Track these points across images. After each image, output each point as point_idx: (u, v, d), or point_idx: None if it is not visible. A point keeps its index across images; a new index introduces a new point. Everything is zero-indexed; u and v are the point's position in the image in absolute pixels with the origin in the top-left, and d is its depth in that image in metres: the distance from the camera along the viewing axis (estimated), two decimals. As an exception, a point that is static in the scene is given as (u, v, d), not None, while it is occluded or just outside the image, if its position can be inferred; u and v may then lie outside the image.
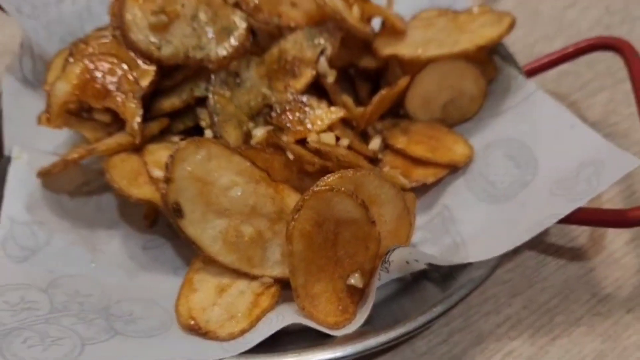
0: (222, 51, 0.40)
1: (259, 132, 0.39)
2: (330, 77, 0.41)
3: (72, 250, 0.38)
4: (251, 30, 0.44)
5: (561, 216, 0.35)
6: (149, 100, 0.41)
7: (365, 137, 0.45)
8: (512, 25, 0.43)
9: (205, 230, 0.36)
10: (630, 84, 0.43)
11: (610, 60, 0.56)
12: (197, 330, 0.34)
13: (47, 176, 0.38)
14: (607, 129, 0.52)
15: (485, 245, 0.37)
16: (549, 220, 0.35)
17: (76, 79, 0.39)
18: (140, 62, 0.40)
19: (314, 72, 0.41)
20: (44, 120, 0.40)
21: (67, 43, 0.48)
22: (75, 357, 0.31)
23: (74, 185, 0.41)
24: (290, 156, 0.38)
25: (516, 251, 0.43)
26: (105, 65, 0.39)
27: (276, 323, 0.34)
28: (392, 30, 0.46)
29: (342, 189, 0.34)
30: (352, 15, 0.43)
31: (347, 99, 0.43)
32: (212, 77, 0.41)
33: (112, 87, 0.39)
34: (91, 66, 0.39)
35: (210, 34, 0.40)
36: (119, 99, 0.39)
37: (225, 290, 0.36)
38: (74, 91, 0.39)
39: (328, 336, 0.35)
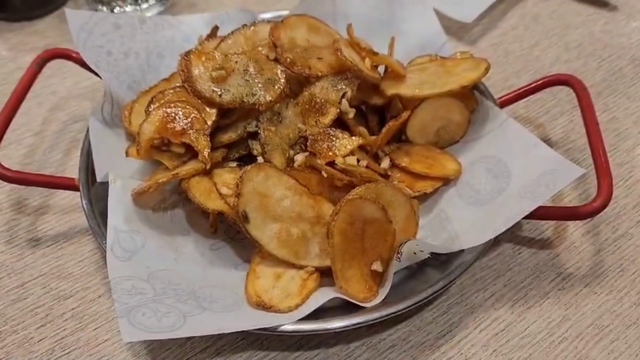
0: (269, 97, 0.52)
1: (300, 158, 0.51)
2: (350, 114, 0.54)
3: (161, 251, 0.49)
4: (284, 78, 0.57)
5: (526, 212, 0.47)
6: (210, 134, 0.54)
7: (375, 159, 0.57)
8: (487, 69, 0.56)
9: (265, 232, 0.48)
10: (580, 111, 0.56)
11: (568, 90, 0.69)
12: (263, 306, 0.46)
13: (142, 195, 0.50)
14: (568, 145, 0.65)
15: (473, 236, 0.49)
16: (518, 215, 0.47)
17: (158, 121, 0.51)
18: (204, 106, 0.53)
19: (337, 110, 0.53)
20: (134, 153, 0.52)
21: (133, 90, 0.61)
22: (182, 324, 0.42)
23: (154, 202, 0.52)
24: (325, 175, 0.50)
25: (497, 243, 0.56)
26: (180, 110, 0.51)
27: (321, 298, 0.46)
28: (395, 74, 0.58)
29: (368, 197, 0.46)
30: (365, 65, 0.56)
31: (363, 130, 0.55)
32: (261, 116, 0.53)
33: (186, 127, 0.51)
34: (169, 111, 0.51)
35: (260, 84, 0.53)
36: (192, 135, 0.51)
37: (281, 276, 0.48)
38: (157, 131, 0.51)
39: (359, 308, 0.47)
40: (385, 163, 0.56)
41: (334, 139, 0.53)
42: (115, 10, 0.79)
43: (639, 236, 0.56)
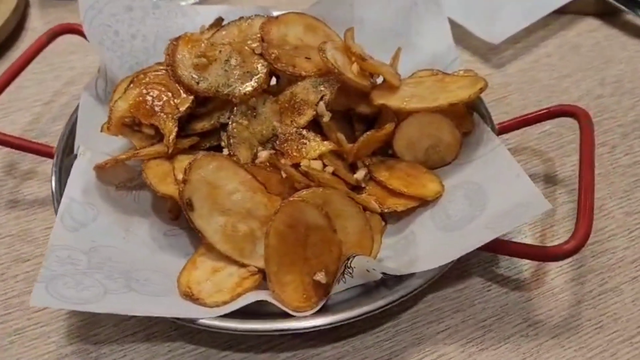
0: (244, 89, 0.51)
1: (263, 154, 0.50)
2: (326, 118, 0.52)
3: (111, 227, 0.49)
4: (276, 75, 0.56)
5: (481, 244, 0.43)
6: (186, 121, 0.53)
7: (354, 169, 0.55)
8: (482, 89, 0.52)
9: (210, 223, 0.47)
10: (578, 144, 0.51)
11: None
12: (190, 297, 0.45)
13: (101, 169, 0.50)
14: (575, 184, 0.59)
15: (429, 262, 0.46)
16: (472, 246, 0.44)
17: (133, 100, 0.51)
18: (182, 92, 0.52)
19: (314, 112, 0.52)
20: (105, 128, 0.52)
21: (135, 71, 0.62)
22: (98, 300, 0.42)
23: (120, 180, 0.52)
24: (283, 175, 0.49)
25: (467, 275, 0.52)
26: (155, 92, 0.52)
27: (250, 298, 0.44)
28: (388, 84, 0.56)
29: (311, 201, 0.44)
30: (352, 70, 0.53)
31: (341, 136, 0.53)
32: (236, 108, 0.52)
33: (157, 109, 0.51)
34: (145, 92, 0.52)
35: (237, 75, 0.52)
36: (161, 118, 0.51)
37: (219, 271, 0.47)
38: (129, 109, 0.51)
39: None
40: (360, 174, 0.53)
41: (305, 140, 0.51)
42: (153, -2, 0.81)
43: (630, 294, 0.50)
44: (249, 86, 0.52)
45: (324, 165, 0.50)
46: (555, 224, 0.56)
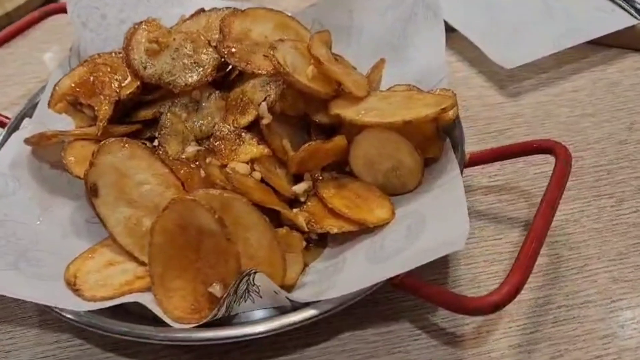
0: (185, 80, 0.48)
1: (190, 150, 0.47)
2: (266, 120, 0.47)
3: (29, 204, 0.48)
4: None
5: (380, 279, 0.37)
6: (132, 108, 0.51)
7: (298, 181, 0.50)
8: (444, 110, 0.46)
9: (114, 213, 0.44)
10: (548, 182, 0.43)
11: (594, 169, 0.55)
12: (72, 286, 0.42)
13: (29, 143, 0.49)
14: (556, 236, 0.50)
15: (333, 293, 0.40)
16: (371, 282, 0.38)
17: (78, 78, 0.50)
18: (130, 76, 0.50)
19: (255, 113, 0.48)
20: (47, 104, 0.51)
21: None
22: (-30, 273, 0.40)
23: (56, 158, 0.51)
24: (202, 174, 0.45)
25: (395, 317, 0.45)
26: (101, 73, 0.50)
27: (127, 299, 0.41)
28: (352, 94, 0.51)
29: (205, 202, 0.40)
30: (306, 73, 0.49)
31: (287, 143, 0.49)
32: (177, 99, 0.49)
33: (98, 90, 0.49)
34: (90, 71, 0.50)
35: (183, 65, 0.49)
36: (99, 100, 0.49)
37: (113, 265, 0.44)
38: (73, 86, 0.50)
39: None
40: (299, 187, 0.48)
41: (240, 142, 0.47)
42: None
43: (587, 374, 0.41)
44: (191, 77, 0.49)
45: (252, 171, 0.46)
46: (521, 277, 0.47)
